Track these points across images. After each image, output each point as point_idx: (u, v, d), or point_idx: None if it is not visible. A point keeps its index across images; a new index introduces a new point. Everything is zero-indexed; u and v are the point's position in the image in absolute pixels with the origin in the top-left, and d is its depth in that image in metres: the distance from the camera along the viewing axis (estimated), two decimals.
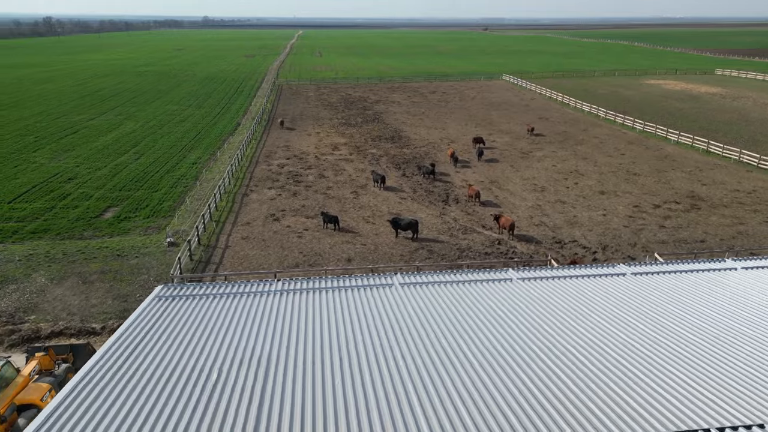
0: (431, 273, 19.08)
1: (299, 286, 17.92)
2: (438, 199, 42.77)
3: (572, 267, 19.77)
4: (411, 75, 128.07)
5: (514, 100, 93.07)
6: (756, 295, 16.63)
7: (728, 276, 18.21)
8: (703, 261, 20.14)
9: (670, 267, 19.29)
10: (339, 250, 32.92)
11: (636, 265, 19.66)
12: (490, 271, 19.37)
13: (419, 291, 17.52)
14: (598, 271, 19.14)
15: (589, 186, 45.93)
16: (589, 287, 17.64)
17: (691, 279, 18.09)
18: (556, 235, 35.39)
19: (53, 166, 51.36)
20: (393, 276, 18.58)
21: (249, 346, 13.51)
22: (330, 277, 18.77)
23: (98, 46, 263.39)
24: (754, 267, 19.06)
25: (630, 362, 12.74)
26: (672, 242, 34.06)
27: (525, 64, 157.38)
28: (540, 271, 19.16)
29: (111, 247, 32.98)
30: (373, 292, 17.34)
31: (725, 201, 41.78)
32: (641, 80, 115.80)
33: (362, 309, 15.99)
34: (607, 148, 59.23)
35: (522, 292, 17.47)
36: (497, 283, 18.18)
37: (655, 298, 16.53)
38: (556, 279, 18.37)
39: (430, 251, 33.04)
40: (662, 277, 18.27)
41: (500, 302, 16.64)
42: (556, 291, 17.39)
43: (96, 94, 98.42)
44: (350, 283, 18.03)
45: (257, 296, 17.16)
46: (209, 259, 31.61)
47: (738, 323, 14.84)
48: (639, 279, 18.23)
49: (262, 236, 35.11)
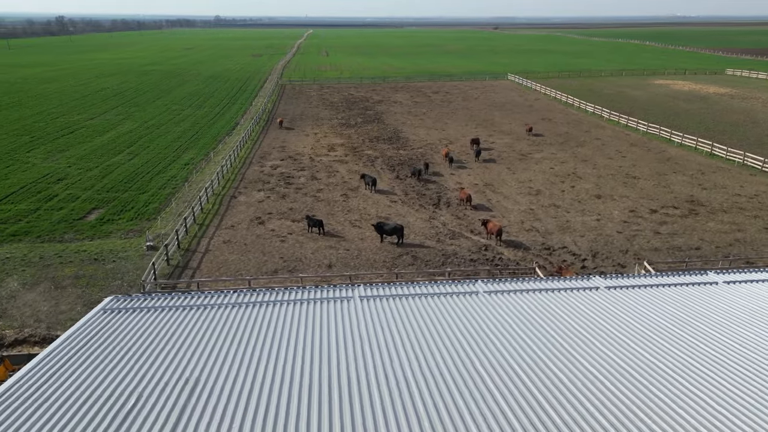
0: (394, 285, 18.22)
1: (255, 299, 17.16)
2: (429, 203, 41.85)
3: (545, 279, 18.83)
4: (415, 75, 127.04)
5: (518, 101, 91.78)
6: (733, 313, 15.59)
7: (706, 291, 17.17)
8: (683, 274, 19.10)
9: (646, 281, 18.28)
10: (321, 256, 32.12)
11: (612, 278, 18.66)
12: (457, 283, 18.46)
13: (379, 305, 16.67)
14: (571, 284, 18.17)
15: (586, 189, 44.76)
16: (558, 302, 16.68)
17: (666, 294, 17.07)
18: (546, 241, 34.34)
19: (45, 167, 51.08)
20: (354, 288, 17.74)
21: (180, 366, 12.74)
22: (289, 289, 17.98)
23: (108, 45, 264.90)
24: (736, 281, 17.99)
25: (588, 382, 11.82)
26: (665, 249, 32.88)
27: (532, 63, 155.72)
28: (508, 283, 18.22)
29: (89, 251, 32.43)
30: (329, 306, 16.51)
31: (725, 206, 40.45)
32: (649, 80, 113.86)
33: (311, 324, 15.17)
34: (609, 150, 57.94)
35: (487, 305, 16.56)
36: (463, 297, 17.28)
37: (625, 316, 15.55)
38: (524, 293, 17.43)
39: (414, 257, 32.15)
40: (636, 292, 17.26)
41: (462, 317, 15.75)
42: (522, 305, 16.46)
43: (98, 93, 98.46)
44: (306, 296, 17.22)
45: (209, 310, 16.39)
46: (187, 264, 30.95)
47: (707, 343, 13.83)
48: (612, 294, 17.24)
49: (245, 240, 34.41)
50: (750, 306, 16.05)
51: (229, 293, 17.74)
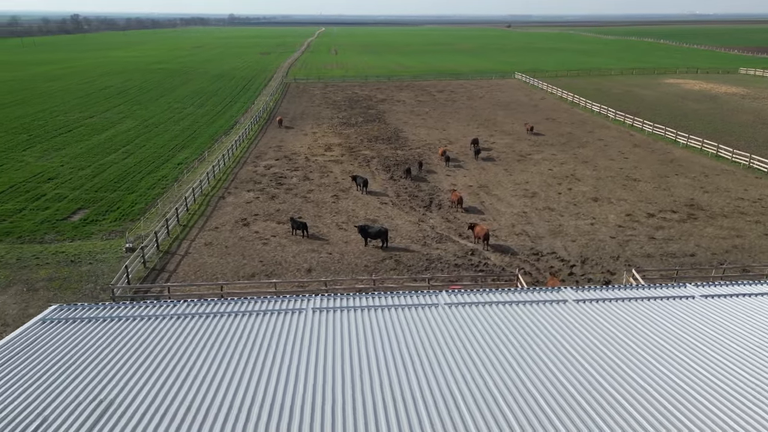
0: (352, 296, 17.37)
1: (207, 309, 16.41)
2: (420, 205, 40.92)
3: (514, 291, 17.87)
4: (422, 73, 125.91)
5: (524, 100, 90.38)
6: (705, 331, 14.53)
7: (680, 306, 16.11)
8: (660, 286, 18.03)
9: (618, 293, 17.25)
10: (301, 259, 31.37)
11: (583, 290, 17.65)
12: (419, 294, 17.58)
13: (332, 318, 15.84)
14: (539, 296, 17.20)
15: (583, 192, 43.55)
16: (522, 316, 15.73)
17: (636, 309, 16.03)
18: (536, 246, 33.27)
19: (38, 166, 50.91)
20: (308, 300, 16.92)
21: (100, 384, 12.01)
22: (244, 299, 17.20)
23: (119, 43, 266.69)
24: (714, 295, 16.90)
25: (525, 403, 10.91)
26: (658, 256, 31.67)
27: (542, 62, 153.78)
28: (470, 295, 17.29)
29: (67, 252, 31.97)
30: (279, 319, 15.70)
31: (726, 210, 39.05)
32: (659, 79, 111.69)
33: (254, 339, 14.37)
34: (611, 152, 56.55)
35: (444, 318, 15.66)
36: (422, 310, 16.39)
37: (587, 332, 14.56)
38: (486, 305, 16.50)
39: (398, 261, 31.27)
40: (605, 306, 16.25)
41: (417, 331, 14.88)
42: (480, 319, 15.54)
43: (102, 91, 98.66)
44: (258, 308, 16.42)
45: (154, 321, 15.66)
46: (164, 267, 30.35)
47: (668, 364, 12.81)
48: (579, 308, 16.24)
49: (226, 242, 33.76)
50: (723, 323, 14.99)
51: (181, 303, 17.02)
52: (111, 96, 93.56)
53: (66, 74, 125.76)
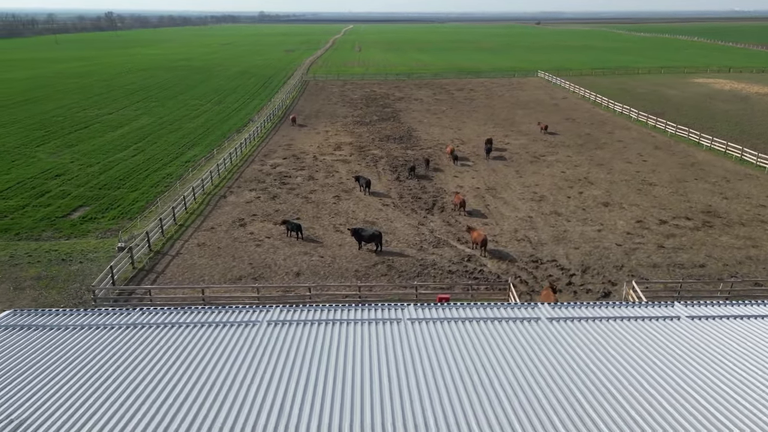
0: (311, 308, 16.52)
1: (166, 319, 15.80)
2: (422, 207, 39.86)
3: (491, 306, 16.80)
4: (443, 71, 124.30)
5: (544, 99, 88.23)
6: (681, 357, 13.25)
7: (661, 328, 14.81)
8: (646, 304, 16.72)
9: (597, 311, 16.02)
10: (291, 263, 30.68)
11: (562, 308, 16.47)
12: (383, 307, 16.65)
13: (289, 332, 15.03)
14: (512, 313, 16.09)
15: (594, 196, 41.87)
16: (487, 333, 14.67)
17: (614, 329, 14.81)
18: (536, 253, 31.94)
19: (49, 162, 51.44)
20: (263, 312, 16.15)
21: (19, 401, 11.44)
22: (205, 309, 16.53)
23: (149, 41, 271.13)
24: (702, 317, 15.54)
25: None
26: (666, 266, 30.02)
27: (569, 60, 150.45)
28: (437, 310, 16.27)
29: (60, 251, 31.92)
30: (229, 333, 14.96)
31: (744, 218, 36.99)
32: (689, 78, 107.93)
33: (203, 353, 13.66)
34: (629, 154, 54.48)
35: (406, 335, 14.72)
36: (383, 325, 15.46)
37: (551, 354, 13.44)
38: (451, 322, 15.48)
39: (390, 267, 30.33)
40: (579, 326, 15.06)
41: (375, 348, 13.99)
42: (442, 336, 14.55)
43: (124, 88, 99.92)
44: (212, 319, 15.73)
45: (108, 331, 15.08)
46: (153, 268, 30.01)
47: (631, 388, 11.62)
48: (553, 326, 15.09)
49: (219, 243, 33.29)
50: (705, 349, 13.68)
51: (136, 312, 16.45)
52: (131, 93, 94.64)
53: (92, 71, 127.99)
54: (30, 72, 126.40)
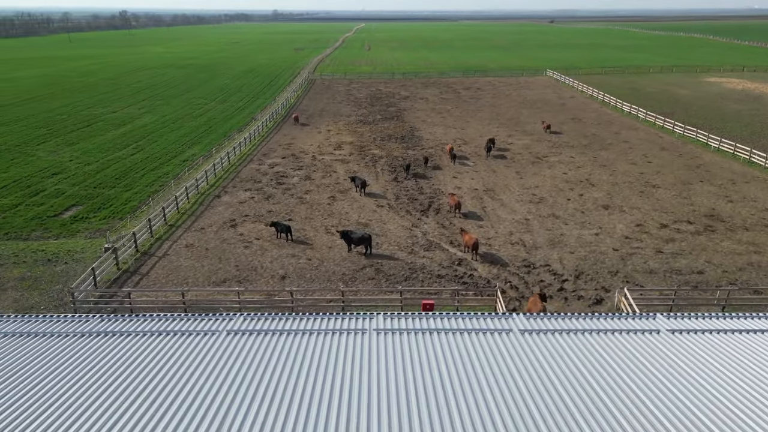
0: (272, 317, 15.94)
1: (114, 327, 15.33)
2: (417, 209, 39.16)
3: (460, 316, 16.10)
4: (450, 70, 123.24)
5: (551, 98, 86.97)
6: (653, 374, 12.47)
7: (637, 342, 14.02)
8: (627, 316, 15.93)
9: (573, 323, 15.26)
10: (278, 265, 30.15)
11: (537, 319, 15.73)
12: (350, 317, 16.02)
13: (247, 342, 14.46)
14: (483, 324, 15.39)
15: (594, 199, 40.89)
16: (457, 347, 14.00)
17: (587, 342, 14.05)
18: (530, 257, 31.12)
19: (47, 160, 51.44)
20: (224, 321, 15.59)
21: None
22: (159, 318, 16.04)
23: (161, 39, 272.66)
24: (683, 330, 14.73)
25: None
26: (662, 272, 29.06)
27: (580, 59, 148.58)
28: (407, 321, 15.61)
29: (47, 251, 31.68)
30: (185, 342, 14.43)
31: (749, 223, 35.84)
32: (701, 78, 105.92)
33: (147, 365, 13.14)
34: (634, 155, 53.30)
35: (369, 347, 14.09)
36: (349, 336, 14.84)
37: (522, 367, 12.73)
38: (419, 333, 14.82)
39: (378, 270, 29.69)
40: (550, 339, 14.31)
41: (332, 361, 13.39)
42: (405, 348, 13.91)
43: (130, 86, 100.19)
44: (171, 327, 15.21)
45: (52, 339, 14.67)
46: (138, 269, 29.64)
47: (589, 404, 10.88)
48: (525, 339, 14.36)
49: (208, 245, 32.86)
50: (680, 366, 12.89)
51: (95, 319, 16.01)
52: (137, 91, 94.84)
53: (101, 69, 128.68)
54: (39, 70, 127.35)
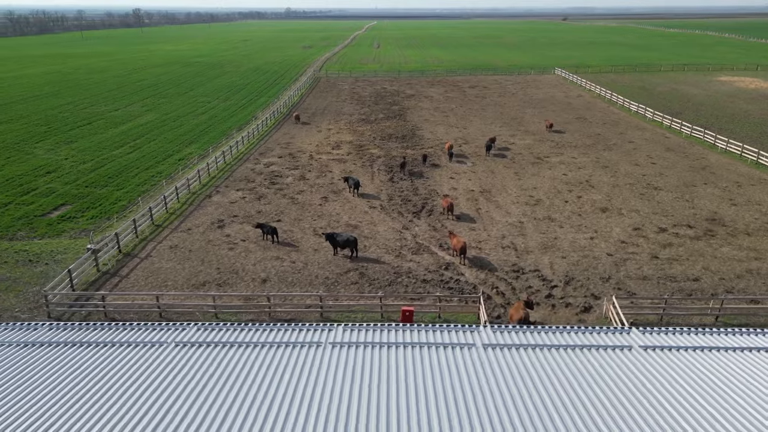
0: (233, 327, 15.26)
1: (72, 337, 14.77)
2: (410, 210, 38.35)
3: (421, 328, 15.32)
4: (458, 68, 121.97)
5: (558, 97, 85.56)
6: (614, 395, 11.60)
7: (605, 360, 13.15)
8: (600, 330, 15.04)
9: (543, 338, 14.41)
10: (260, 268, 29.52)
11: (504, 332, 14.90)
12: (304, 328, 15.29)
13: (194, 355, 13.81)
14: (441, 338, 14.59)
15: (593, 201, 39.80)
16: (412, 361, 13.24)
17: (552, 359, 13.21)
18: (519, 262, 30.20)
19: (43, 158, 51.31)
20: (174, 331, 14.95)
21: None
22: (106, 327, 15.44)
23: (173, 37, 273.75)
24: (657, 347, 13.82)
25: None
26: (656, 279, 28.01)
27: (591, 57, 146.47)
28: (367, 333, 14.85)
29: (31, 251, 31.34)
30: (131, 353, 13.81)
31: (751, 227, 34.58)
32: (713, 77, 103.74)
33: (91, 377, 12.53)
34: (638, 156, 52.01)
35: (322, 362, 13.37)
36: (302, 349, 14.13)
37: (476, 385, 11.94)
38: (379, 347, 14.07)
39: (362, 274, 28.96)
40: (520, 355, 13.49)
41: (278, 376, 12.69)
42: (362, 362, 13.17)
43: (135, 84, 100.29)
44: (119, 338, 14.60)
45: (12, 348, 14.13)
46: (118, 271, 29.17)
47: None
48: (487, 355, 13.55)
49: (192, 246, 32.33)
50: (645, 387, 12.01)
51: (43, 327, 15.45)
52: (142, 89, 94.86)
53: (109, 67, 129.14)
54: (49, 67, 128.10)
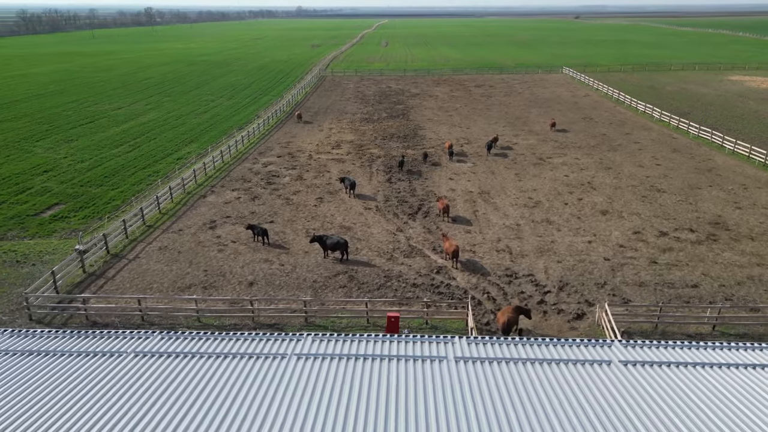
0: (197, 337, 14.74)
1: (32, 346, 14.35)
2: (406, 212, 37.70)
3: (394, 339, 14.70)
4: (465, 67, 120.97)
5: (565, 96, 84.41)
6: (592, 416, 10.92)
7: (582, 375, 12.45)
8: (580, 342, 14.34)
9: (518, 351, 13.74)
10: (248, 271, 29.03)
11: (479, 344, 14.25)
12: (271, 338, 14.73)
13: (153, 366, 13.31)
14: (413, 351, 13.97)
15: (593, 203, 38.90)
16: (378, 375, 12.64)
17: (526, 374, 12.53)
18: (513, 266, 29.45)
19: (42, 157, 51.25)
20: (128, 341, 14.45)
21: None
22: (62, 335, 14.98)
23: (183, 36, 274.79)
24: (638, 362, 13.09)
25: None
26: (653, 285, 27.15)
27: (600, 55, 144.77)
28: (335, 345, 14.26)
29: (19, 251, 31.09)
30: (87, 363, 13.33)
31: (755, 232, 33.56)
32: (724, 76, 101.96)
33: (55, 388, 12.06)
34: (643, 157, 50.94)
35: (285, 375, 12.82)
36: (266, 361, 13.57)
37: (441, 402, 11.31)
38: (344, 359, 13.48)
39: (351, 278, 28.37)
40: (493, 369, 12.83)
41: (234, 389, 12.15)
42: (329, 375, 12.59)
43: (141, 83, 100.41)
44: (71, 347, 14.12)
45: None
46: (104, 273, 28.80)
47: None
48: (458, 368, 12.91)
49: (181, 247, 31.91)
50: (621, 405, 11.31)
51: (7, 335, 15.04)
52: (146, 88, 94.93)
53: (116, 65, 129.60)
54: (56, 66, 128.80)
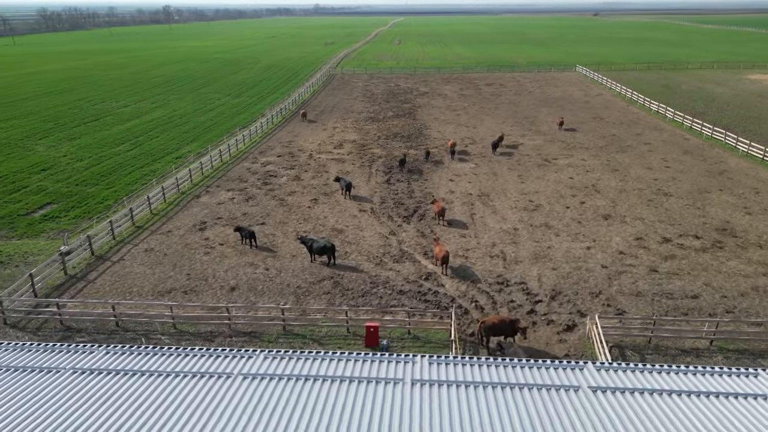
0: (152, 353, 13.96)
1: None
2: (401, 214, 36.72)
3: (359, 358, 13.80)
4: (476, 65, 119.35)
5: (576, 96, 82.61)
6: None
7: (544, 403, 11.41)
8: (551, 364, 13.28)
9: (483, 373, 12.73)
10: (231, 275, 28.30)
11: (439, 363, 13.26)
12: (221, 356, 13.90)
13: (90, 384, 12.55)
14: (367, 372, 13.04)
15: (596, 207, 37.55)
16: (345, 397, 11.74)
17: (482, 400, 11.53)
18: (506, 273, 28.33)
19: (43, 155, 51.19)
20: (71, 355, 13.72)
21: None
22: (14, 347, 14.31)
23: (199, 34, 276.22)
24: (609, 389, 12.01)
25: None
26: (651, 296, 25.86)
27: (617, 54, 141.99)
28: (282, 364, 13.38)
29: (4, 252, 30.75)
30: (26, 379, 12.62)
31: (764, 239, 31.99)
32: (742, 74, 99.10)
33: None
34: (652, 159, 49.31)
35: (226, 396, 11.98)
36: (210, 380, 12.74)
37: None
38: (293, 380, 12.59)
39: (336, 283, 27.49)
40: (446, 394, 11.86)
41: (173, 410, 11.35)
42: (273, 397, 11.72)
43: (150, 80, 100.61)
44: (8, 362, 13.44)
45: None
46: (86, 276, 28.28)
47: None
48: (412, 393, 11.95)
49: (167, 249, 31.31)
50: None
51: None
52: (155, 86, 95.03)
53: (128, 63, 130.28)
54: (69, 63, 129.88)
